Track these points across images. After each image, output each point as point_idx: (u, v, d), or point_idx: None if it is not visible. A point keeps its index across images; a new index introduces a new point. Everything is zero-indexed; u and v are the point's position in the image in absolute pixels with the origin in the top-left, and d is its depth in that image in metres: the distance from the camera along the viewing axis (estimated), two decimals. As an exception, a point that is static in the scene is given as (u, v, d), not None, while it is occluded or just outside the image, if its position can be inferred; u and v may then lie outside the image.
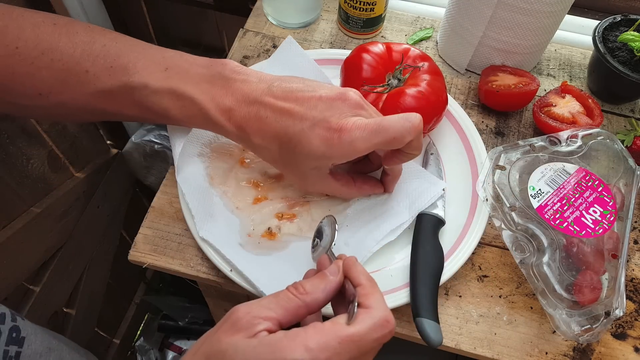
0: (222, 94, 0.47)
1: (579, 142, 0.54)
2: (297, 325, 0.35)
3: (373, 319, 0.33)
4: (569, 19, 0.77)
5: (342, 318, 0.34)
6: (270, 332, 0.33)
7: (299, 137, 0.45)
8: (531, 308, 0.53)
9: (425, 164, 0.59)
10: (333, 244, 0.45)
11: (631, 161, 0.54)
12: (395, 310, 0.52)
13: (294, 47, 0.63)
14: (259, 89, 0.47)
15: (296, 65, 0.62)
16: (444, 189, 0.55)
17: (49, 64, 0.45)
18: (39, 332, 0.58)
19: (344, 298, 0.39)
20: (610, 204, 0.51)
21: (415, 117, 0.44)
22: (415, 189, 0.55)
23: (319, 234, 0.48)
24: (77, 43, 0.46)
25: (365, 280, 0.37)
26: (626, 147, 0.61)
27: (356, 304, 0.35)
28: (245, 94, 0.47)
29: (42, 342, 0.58)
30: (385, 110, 0.55)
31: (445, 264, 0.51)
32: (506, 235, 0.50)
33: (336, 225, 0.46)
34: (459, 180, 0.58)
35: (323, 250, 0.45)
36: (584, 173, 0.52)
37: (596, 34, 0.65)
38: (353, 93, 0.46)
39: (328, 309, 0.42)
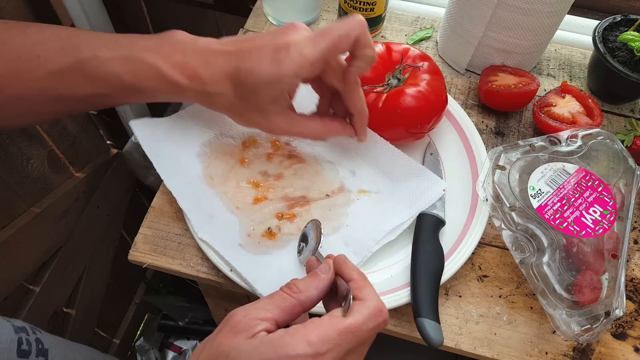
0: (173, 52, 0.47)
1: (579, 142, 0.54)
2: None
3: (368, 309, 0.35)
4: (569, 19, 0.77)
5: (338, 311, 0.35)
6: (269, 332, 0.34)
7: (249, 66, 0.45)
8: (531, 308, 0.53)
9: (425, 164, 0.59)
10: (320, 245, 0.46)
11: (631, 161, 0.54)
12: (396, 310, 0.52)
13: None
14: (208, 42, 0.48)
15: None
16: (444, 190, 0.55)
17: (0, 56, 0.45)
18: (58, 343, 0.59)
19: (334, 295, 0.40)
20: (610, 204, 0.51)
21: (356, 15, 0.45)
22: (416, 188, 0.55)
23: (304, 238, 0.49)
24: (29, 33, 0.47)
25: (357, 275, 0.38)
26: (626, 147, 0.61)
27: (351, 297, 0.36)
28: (195, 48, 0.48)
29: (63, 354, 0.58)
30: (385, 110, 0.55)
31: (445, 264, 0.51)
32: (506, 235, 0.50)
33: (321, 229, 0.47)
34: (458, 180, 0.58)
35: (310, 253, 0.47)
36: (584, 173, 0.52)
37: (596, 34, 0.65)
38: (300, 23, 0.47)
39: (318, 307, 0.42)
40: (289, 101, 0.50)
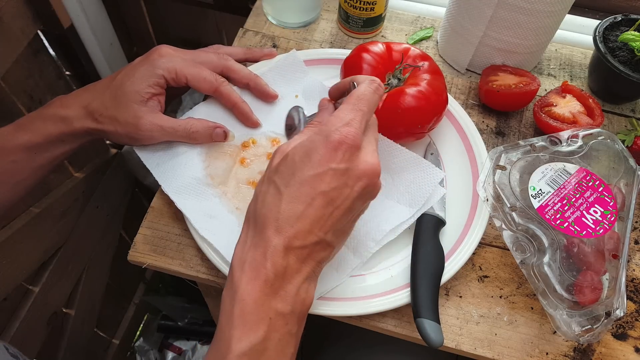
0: (51, 102, 0.55)
1: (580, 142, 0.54)
2: None
3: (363, 79, 0.45)
4: (570, 18, 0.76)
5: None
6: None
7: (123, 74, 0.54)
8: (532, 308, 0.53)
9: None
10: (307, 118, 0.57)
11: (632, 161, 0.53)
12: (396, 311, 0.52)
13: (296, 62, 0.64)
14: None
15: (296, 79, 0.64)
16: (443, 179, 0.55)
17: None
18: None
19: None
20: (610, 204, 0.51)
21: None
22: (414, 181, 0.54)
23: (290, 127, 0.59)
24: None
25: (346, 79, 0.48)
26: (627, 147, 0.61)
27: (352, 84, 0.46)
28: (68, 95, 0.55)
29: None
30: (385, 110, 0.55)
31: (445, 264, 0.51)
32: (507, 236, 0.50)
33: (304, 110, 0.59)
34: (459, 180, 0.58)
35: (301, 125, 0.56)
36: (584, 173, 0.52)
37: (597, 34, 0.64)
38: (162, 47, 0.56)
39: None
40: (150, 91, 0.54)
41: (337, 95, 0.50)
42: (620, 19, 0.66)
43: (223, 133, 0.56)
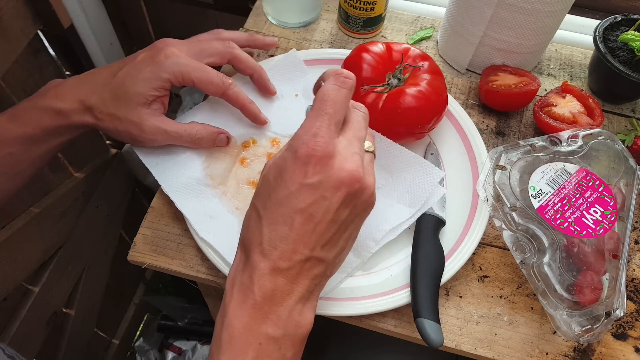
0: (45, 90, 0.53)
1: (580, 142, 0.54)
2: None
3: (328, 76, 0.42)
4: (570, 18, 0.76)
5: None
6: None
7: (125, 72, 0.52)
8: (532, 308, 0.53)
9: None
10: None
11: (632, 161, 0.53)
12: (396, 311, 0.52)
13: (296, 62, 0.64)
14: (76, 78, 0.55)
15: (296, 78, 0.64)
16: (443, 179, 0.54)
17: None
18: None
19: None
20: (610, 204, 0.51)
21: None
22: (413, 181, 0.54)
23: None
24: None
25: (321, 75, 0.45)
26: (627, 147, 0.61)
27: None
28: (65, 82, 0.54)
29: None
30: (385, 110, 0.55)
31: (445, 264, 0.51)
32: (507, 236, 0.50)
33: None
34: (459, 180, 0.58)
35: None
36: (584, 173, 0.52)
37: (597, 34, 0.64)
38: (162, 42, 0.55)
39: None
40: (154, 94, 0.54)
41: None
42: (620, 19, 0.66)
43: (226, 139, 0.56)
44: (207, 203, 0.54)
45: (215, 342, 0.37)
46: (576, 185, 0.51)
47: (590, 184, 0.52)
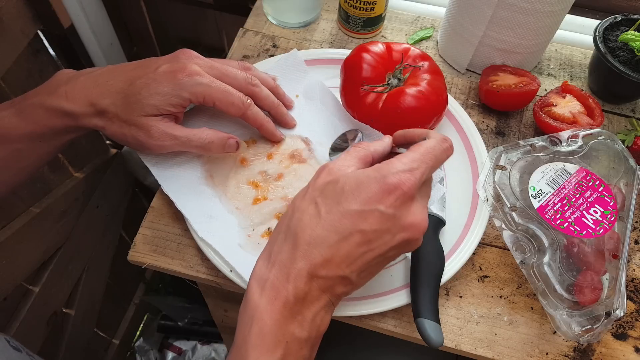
0: (56, 86, 0.52)
1: (580, 142, 0.54)
2: None
3: (437, 136, 0.43)
4: (570, 18, 0.76)
5: (416, 145, 0.42)
6: None
7: (144, 81, 0.50)
8: (532, 308, 0.53)
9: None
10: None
11: (632, 161, 0.53)
12: (396, 311, 0.52)
13: (297, 62, 0.64)
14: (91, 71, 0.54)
15: (296, 78, 0.64)
16: (443, 178, 0.55)
17: None
18: None
19: None
20: (610, 204, 0.51)
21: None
22: None
23: (337, 145, 0.56)
24: None
25: (419, 129, 0.46)
26: (627, 147, 0.61)
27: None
28: (77, 78, 0.53)
29: None
30: (385, 110, 0.55)
31: (445, 264, 0.51)
32: (507, 236, 0.50)
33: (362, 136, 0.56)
34: (459, 180, 0.58)
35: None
36: (584, 173, 0.52)
37: (597, 34, 0.64)
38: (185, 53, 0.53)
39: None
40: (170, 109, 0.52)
41: (402, 142, 0.47)
42: (620, 19, 0.66)
43: (236, 144, 0.55)
44: (207, 203, 0.54)
45: (242, 335, 0.37)
46: (576, 185, 0.51)
47: (590, 184, 0.52)
